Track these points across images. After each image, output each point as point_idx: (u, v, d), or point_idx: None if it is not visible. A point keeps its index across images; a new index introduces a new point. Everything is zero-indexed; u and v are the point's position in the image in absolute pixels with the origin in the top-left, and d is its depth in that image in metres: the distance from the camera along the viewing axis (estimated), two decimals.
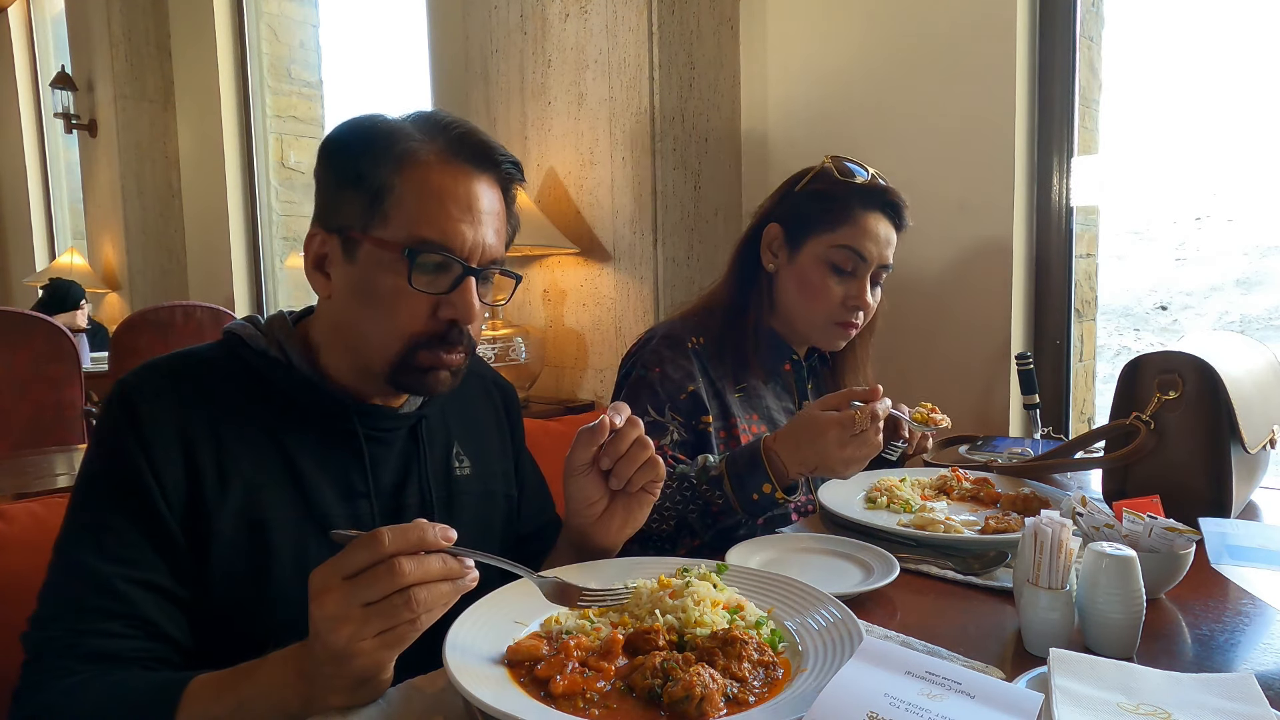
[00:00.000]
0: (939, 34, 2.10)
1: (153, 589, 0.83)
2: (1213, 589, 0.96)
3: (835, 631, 0.77)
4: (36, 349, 3.23)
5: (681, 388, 1.34)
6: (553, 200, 2.67)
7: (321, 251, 0.93)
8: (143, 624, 0.82)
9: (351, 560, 0.66)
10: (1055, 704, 0.63)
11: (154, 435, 0.85)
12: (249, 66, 4.52)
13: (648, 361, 1.37)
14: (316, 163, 0.94)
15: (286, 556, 0.88)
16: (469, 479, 1.07)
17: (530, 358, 2.61)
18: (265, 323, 0.96)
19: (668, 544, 1.28)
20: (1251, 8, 3.20)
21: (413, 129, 0.90)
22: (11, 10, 6.73)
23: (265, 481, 0.89)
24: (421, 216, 0.87)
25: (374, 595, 0.65)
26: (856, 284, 1.38)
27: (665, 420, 1.32)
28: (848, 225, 1.36)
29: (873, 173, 1.41)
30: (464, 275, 0.89)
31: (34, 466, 2.19)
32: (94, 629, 0.79)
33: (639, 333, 2.62)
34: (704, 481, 1.20)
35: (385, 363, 0.91)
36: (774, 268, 1.43)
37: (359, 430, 0.95)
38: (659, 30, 2.35)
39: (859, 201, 1.37)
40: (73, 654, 0.78)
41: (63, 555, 0.83)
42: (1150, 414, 1.18)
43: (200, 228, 4.91)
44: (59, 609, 0.80)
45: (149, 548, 0.83)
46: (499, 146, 0.93)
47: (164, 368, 0.91)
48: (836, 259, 1.37)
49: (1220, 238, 4.14)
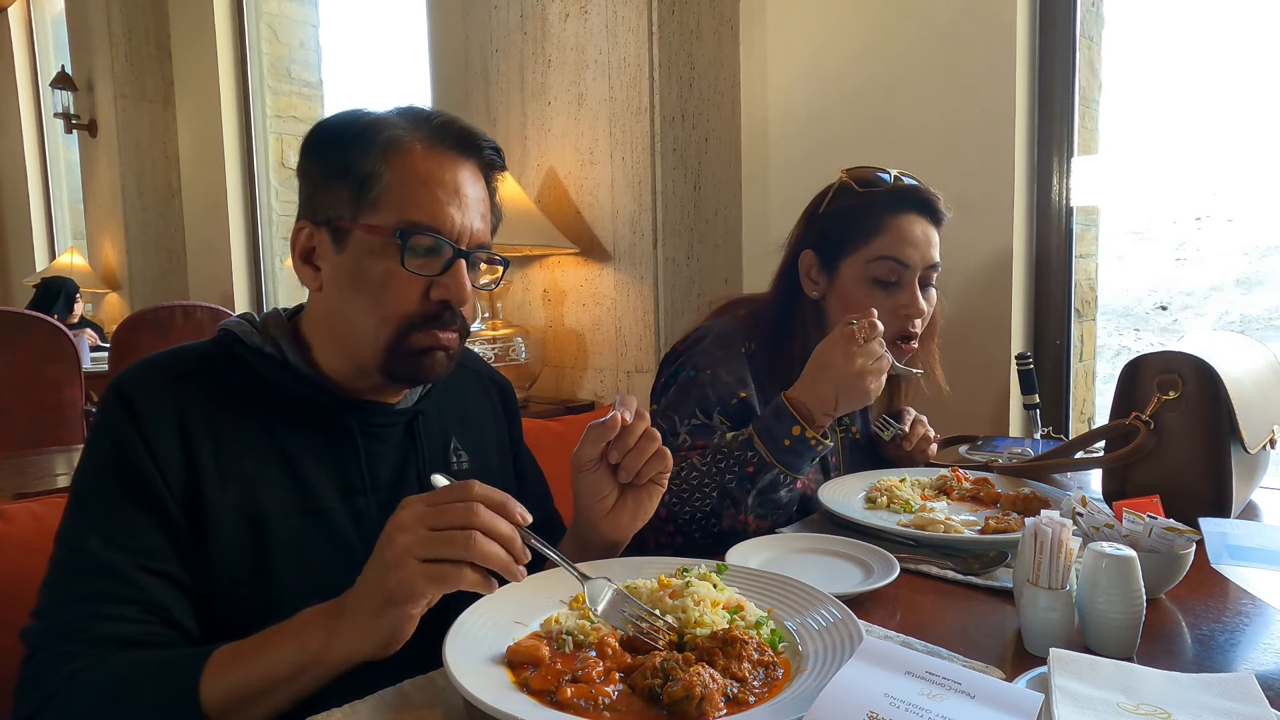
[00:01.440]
0: (939, 34, 2.10)
1: (163, 576, 0.82)
2: (1213, 589, 0.96)
3: (835, 631, 0.77)
4: (36, 349, 3.23)
5: (734, 392, 1.30)
6: (553, 200, 2.67)
7: (309, 245, 0.93)
8: (157, 609, 0.81)
9: (439, 494, 0.73)
10: (1055, 704, 0.63)
11: (153, 429, 0.85)
12: (249, 66, 4.52)
13: (700, 362, 1.33)
14: (300, 159, 0.94)
15: (285, 552, 0.88)
16: (467, 474, 1.07)
17: (530, 358, 2.61)
18: (260, 320, 0.96)
19: (713, 519, 1.20)
20: (1251, 8, 3.20)
21: (397, 118, 0.91)
22: (11, 10, 6.74)
23: (263, 477, 0.89)
24: (410, 201, 0.88)
25: (444, 522, 0.70)
26: (905, 292, 1.32)
27: (713, 424, 1.28)
28: (880, 235, 1.31)
29: (895, 174, 1.36)
30: (454, 257, 0.90)
31: (34, 466, 2.19)
32: (105, 614, 0.78)
33: (639, 333, 2.60)
34: (735, 447, 1.18)
35: (378, 350, 0.91)
36: (818, 294, 1.38)
37: (354, 426, 0.95)
38: (659, 30, 2.35)
39: (886, 208, 1.32)
40: (80, 639, 0.77)
41: (66, 547, 0.82)
42: (1150, 414, 1.18)
43: (200, 228, 4.91)
44: (65, 598, 0.79)
45: (158, 535, 0.83)
46: (481, 133, 0.95)
47: (161, 364, 0.91)
48: (878, 273, 1.31)
49: (1220, 238, 4.14)
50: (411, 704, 0.72)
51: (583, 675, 0.68)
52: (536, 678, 0.69)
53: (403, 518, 0.71)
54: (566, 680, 0.68)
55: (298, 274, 0.95)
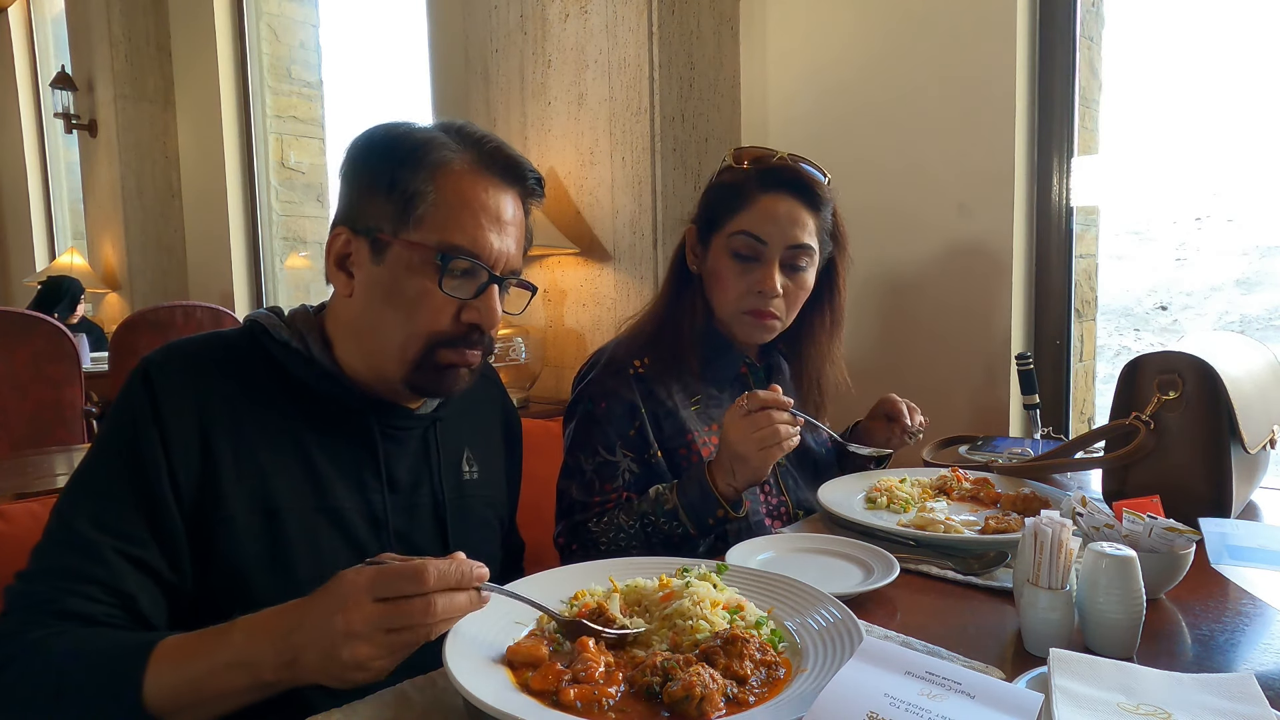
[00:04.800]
0: (939, 34, 2.10)
1: (140, 565, 0.83)
2: (1213, 589, 0.96)
3: (835, 631, 0.77)
4: (36, 349, 3.23)
5: (630, 422, 1.30)
6: (553, 200, 2.67)
7: (345, 251, 0.94)
8: (121, 596, 0.82)
9: (391, 585, 0.68)
10: (1055, 704, 0.63)
11: (172, 416, 0.86)
12: (249, 66, 4.52)
13: (594, 394, 1.32)
14: (345, 164, 0.96)
15: (299, 546, 0.89)
16: (477, 483, 1.10)
17: (530, 358, 2.61)
18: (288, 314, 0.98)
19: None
20: (1251, 8, 3.20)
21: (447, 139, 0.93)
22: (11, 10, 6.73)
23: (280, 470, 0.90)
24: (453, 223, 0.90)
25: (401, 625, 0.67)
26: (761, 269, 1.29)
27: (617, 459, 1.29)
28: (744, 211, 1.30)
29: (780, 154, 1.32)
30: (489, 282, 0.92)
31: (34, 466, 2.19)
32: (74, 590, 0.80)
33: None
34: (661, 515, 1.20)
35: (404, 363, 0.93)
36: (696, 269, 1.37)
37: (374, 427, 0.96)
38: (659, 30, 2.35)
39: (757, 185, 1.30)
40: (48, 609, 0.78)
41: (60, 518, 0.84)
42: (1150, 414, 1.18)
43: (200, 228, 4.91)
44: (45, 568, 0.81)
45: (145, 526, 0.84)
46: (527, 162, 0.97)
47: (188, 349, 0.92)
48: (736, 245, 1.30)
49: (1220, 238, 4.14)
50: (411, 704, 0.72)
51: (584, 676, 0.68)
52: (537, 678, 0.69)
53: (355, 624, 0.67)
54: (568, 681, 0.68)
55: (330, 277, 0.96)
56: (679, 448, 1.31)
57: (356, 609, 0.67)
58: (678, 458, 1.31)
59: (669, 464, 1.31)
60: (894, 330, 2.24)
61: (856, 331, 2.20)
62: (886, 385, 1.58)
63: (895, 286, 2.22)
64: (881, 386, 1.58)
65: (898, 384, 2.13)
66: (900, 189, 2.18)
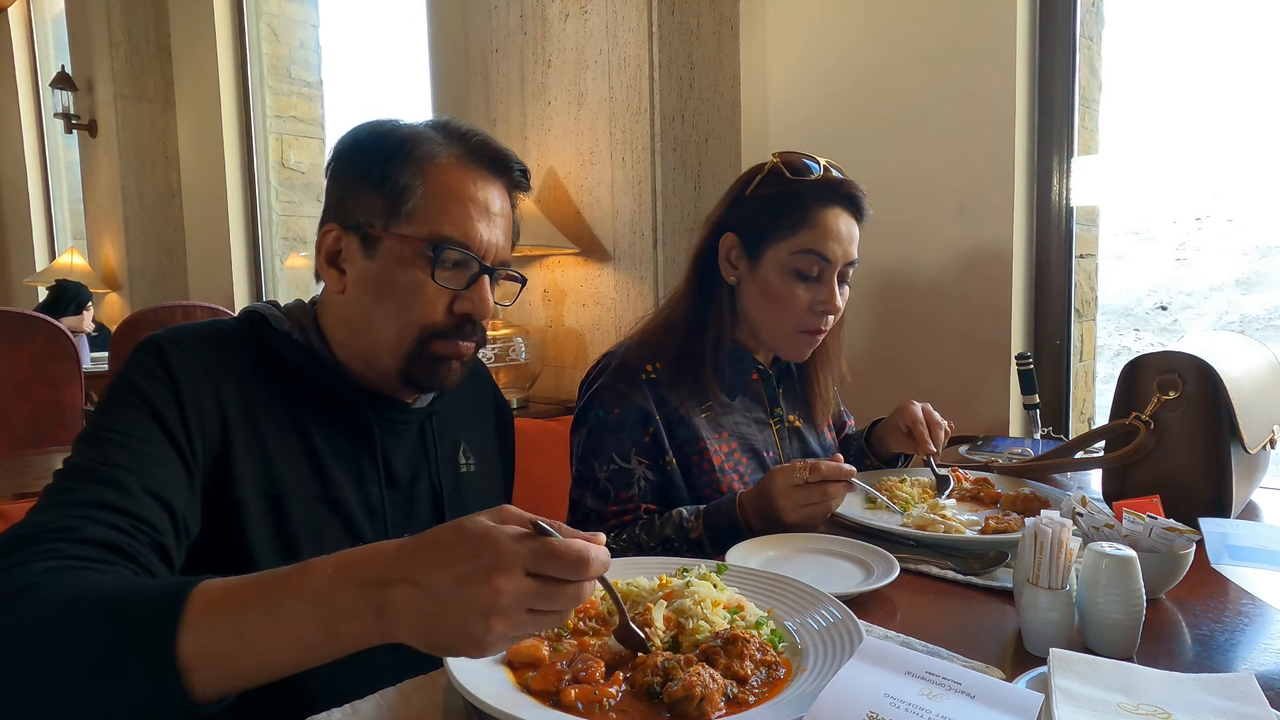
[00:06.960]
0: (939, 34, 2.10)
1: (165, 506, 0.78)
2: (1213, 589, 0.96)
3: (835, 631, 0.77)
4: (36, 349, 3.24)
5: (643, 429, 1.28)
6: (553, 200, 2.67)
7: (336, 247, 0.95)
8: (150, 529, 0.76)
9: (550, 563, 0.58)
10: (1055, 704, 0.63)
11: (190, 393, 0.85)
12: (249, 66, 4.52)
13: (606, 400, 1.29)
14: (333, 162, 0.96)
15: (304, 536, 0.90)
16: (473, 475, 1.11)
17: (530, 358, 2.61)
18: (286, 307, 0.99)
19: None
20: (1251, 8, 3.20)
21: (433, 133, 0.94)
22: (11, 10, 6.73)
23: (286, 457, 0.91)
24: (443, 216, 0.91)
25: (547, 608, 0.59)
26: (824, 288, 1.29)
27: (631, 466, 1.27)
28: (807, 228, 1.27)
29: (825, 164, 1.32)
30: (480, 273, 0.94)
31: (34, 466, 2.19)
32: (99, 518, 0.72)
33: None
34: (684, 545, 1.19)
35: (399, 355, 0.93)
36: (735, 280, 1.34)
37: (372, 421, 0.97)
38: (659, 30, 2.35)
39: (815, 200, 1.28)
40: (68, 536, 0.69)
41: (71, 461, 0.78)
42: (1150, 414, 1.18)
43: (200, 228, 4.91)
44: (61, 500, 0.74)
45: (171, 466, 0.80)
46: (513, 154, 0.99)
47: (197, 330, 0.92)
48: (800, 265, 1.28)
49: (1220, 238, 4.14)
50: (411, 704, 0.72)
51: (585, 676, 0.68)
52: (537, 678, 0.69)
53: (504, 593, 0.56)
54: (568, 681, 0.68)
55: (321, 274, 0.97)
56: (692, 455, 1.30)
57: (510, 579, 0.56)
58: (691, 465, 1.30)
59: (682, 471, 1.30)
60: (894, 330, 2.24)
61: (857, 331, 2.20)
62: (886, 385, 1.59)
63: (895, 286, 2.22)
64: (881, 387, 1.58)
65: (898, 384, 2.13)
66: (900, 188, 2.18)
